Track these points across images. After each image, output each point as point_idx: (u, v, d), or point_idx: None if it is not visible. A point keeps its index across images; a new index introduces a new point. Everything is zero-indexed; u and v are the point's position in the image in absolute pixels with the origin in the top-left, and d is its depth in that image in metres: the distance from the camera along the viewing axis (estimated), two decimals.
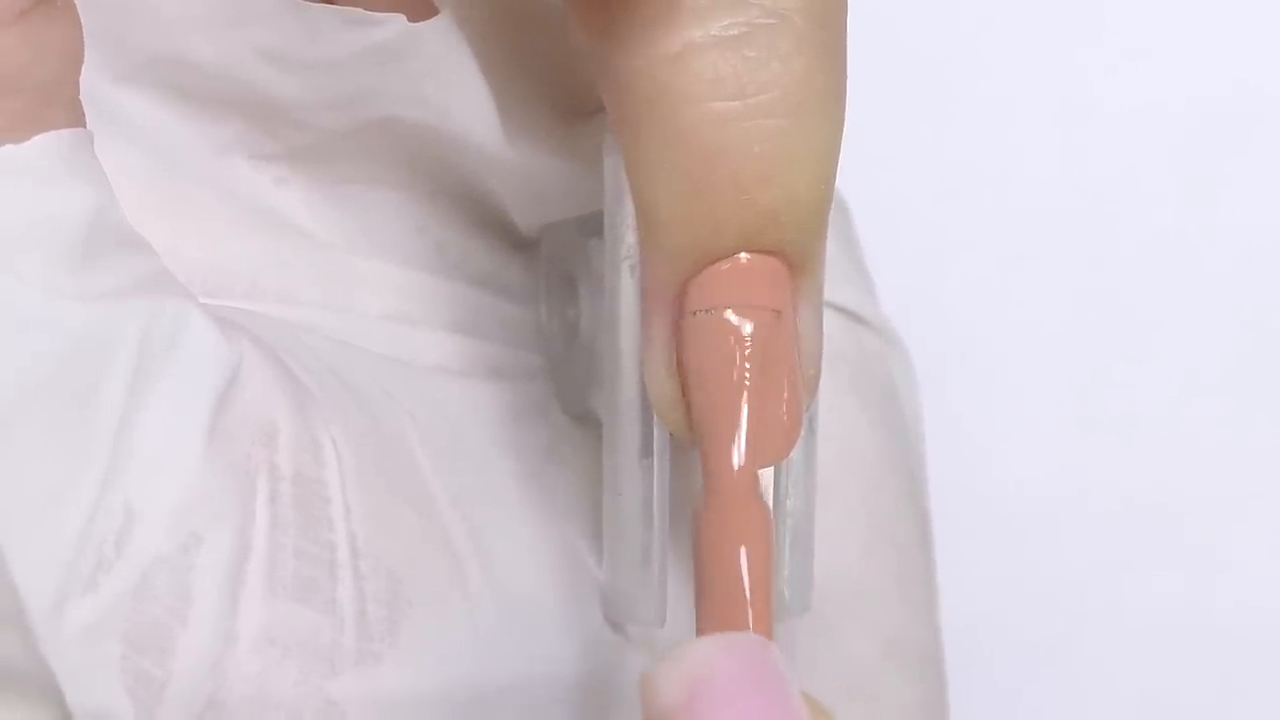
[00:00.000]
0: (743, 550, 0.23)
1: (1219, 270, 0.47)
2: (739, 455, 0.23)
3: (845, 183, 0.26)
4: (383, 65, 0.25)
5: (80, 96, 0.23)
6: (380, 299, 0.27)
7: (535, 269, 0.28)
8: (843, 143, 0.24)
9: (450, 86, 0.26)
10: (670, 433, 0.25)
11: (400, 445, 0.26)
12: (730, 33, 0.22)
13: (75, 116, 0.23)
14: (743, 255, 0.23)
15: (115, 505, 0.22)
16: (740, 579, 0.23)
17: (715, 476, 0.23)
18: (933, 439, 0.33)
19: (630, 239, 0.25)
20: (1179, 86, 0.46)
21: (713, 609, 0.23)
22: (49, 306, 0.22)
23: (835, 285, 0.30)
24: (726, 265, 0.23)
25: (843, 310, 0.30)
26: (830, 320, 0.29)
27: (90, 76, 0.24)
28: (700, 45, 0.23)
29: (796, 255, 0.23)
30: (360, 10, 0.25)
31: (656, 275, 0.24)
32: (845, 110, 0.23)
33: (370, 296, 0.27)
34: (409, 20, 0.25)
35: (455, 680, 0.25)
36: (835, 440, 0.29)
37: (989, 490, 0.47)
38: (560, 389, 0.28)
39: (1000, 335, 0.47)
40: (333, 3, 0.25)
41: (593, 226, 0.26)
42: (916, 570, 0.30)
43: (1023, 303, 0.47)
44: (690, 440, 0.24)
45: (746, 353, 0.23)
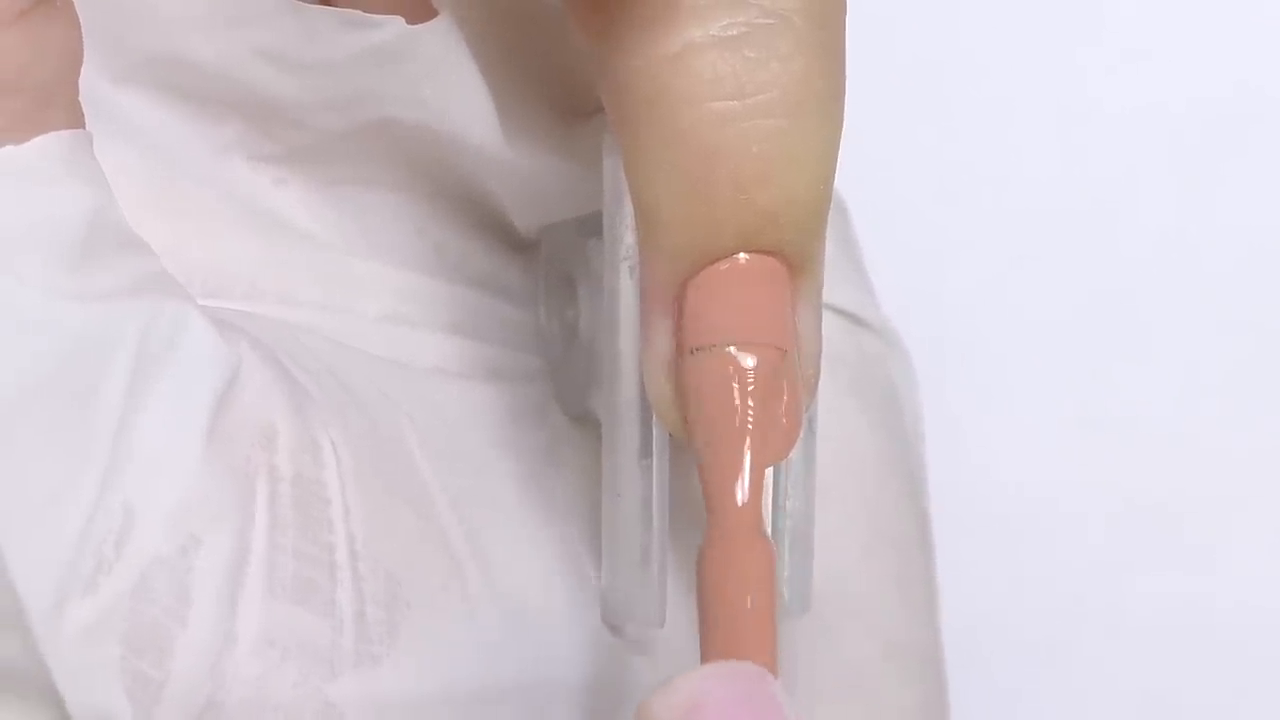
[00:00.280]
0: (746, 589, 0.23)
1: (1219, 271, 0.47)
2: (743, 492, 0.23)
3: (845, 184, 0.26)
4: (381, 67, 0.25)
5: (79, 97, 0.23)
6: (379, 300, 0.27)
7: (534, 270, 0.28)
8: (842, 143, 0.24)
9: (449, 88, 0.26)
10: (669, 433, 0.25)
11: (399, 447, 0.26)
12: (729, 33, 0.23)
13: (74, 117, 0.23)
14: (742, 255, 0.23)
15: (114, 506, 0.22)
16: (743, 617, 0.23)
17: (719, 514, 0.23)
18: (933, 440, 0.33)
19: (629, 239, 0.25)
20: (1179, 87, 0.46)
21: (715, 645, 0.23)
22: (48, 307, 0.22)
23: (835, 287, 0.29)
24: (725, 265, 0.23)
25: (843, 312, 0.30)
26: (830, 322, 0.29)
27: (89, 77, 0.24)
28: (699, 45, 0.23)
29: (795, 255, 0.23)
30: (358, 12, 0.25)
31: (655, 275, 0.24)
32: (844, 111, 0.23)
33: (369, 298, 0.27)
34: (407, 22, 0.25)
35: (454, 682, 0.25)
36: (835, 441, 0.29)
37: (989, 491, 0.47)
38: (560, 390, 0.28)
39: (1000, 336, 0.47)
40: (332, 4, 0.25)
41: (592, 227, 0.26)
42: (916, 571, 0.30)
43: (1022, 303, 0.47)
44: (689, 442, 0.24)
45: (749, 390, 0.23)
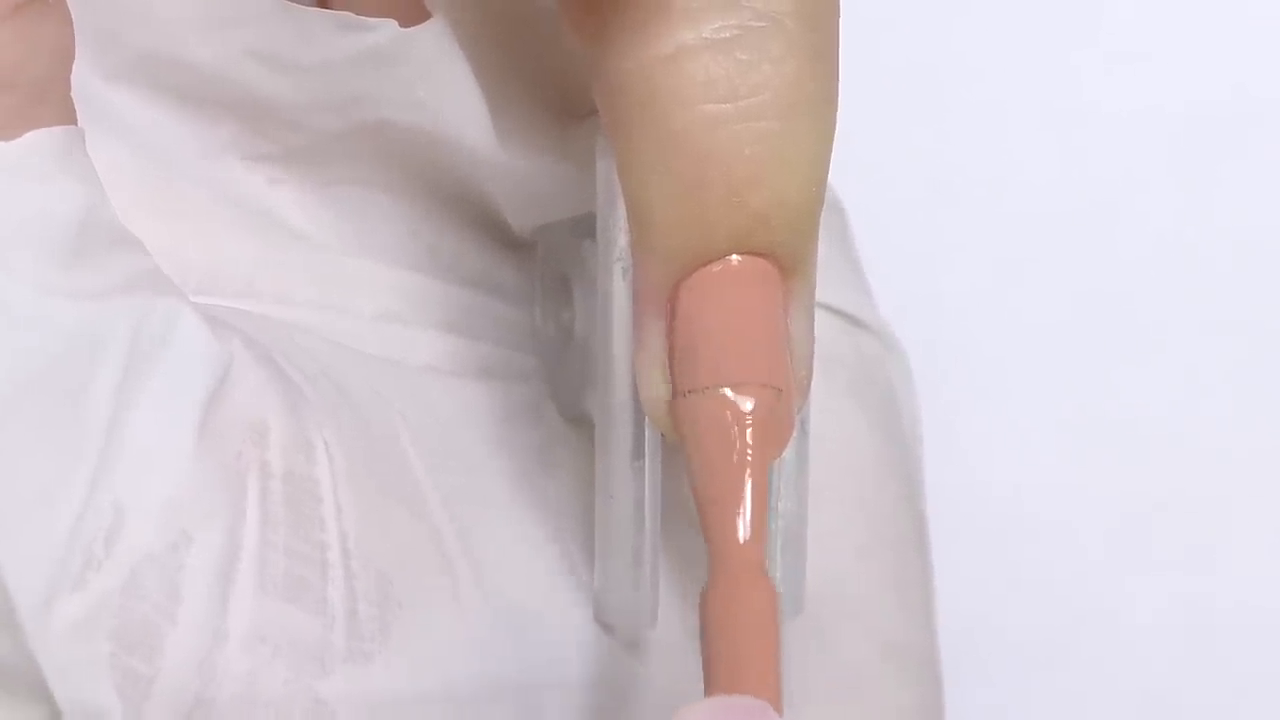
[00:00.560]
0: (750, 628, 0.23)
1: (1217, 272, 0.47)
2: (745, 530, 0.23)
3: (842, 185, 0.26)
4: (375, 69, 0.25)
5: (71, 94, 0.23)
6: (374, 299, 0.27)
7: (529, 270, 0.28)
8: (840, 145, 0.24)
9: (443, 90, 0.26)
10: (662, 435, 0.25)
11: (392, 445, 0.26)
12: (722, 35, 0.23)
13: (67, 114, 0.23)
14: (734, 257, 0.23)
15: (105, 503, 0.22)
16: (748, 655, 0.23)
17: (721, 552, 0.23)
18: (930, 441, 0.33)
19: (623, 241, 0.25)
20: (1176, 89, 0.46)
21: (719, 681, 0.23)
22: (40, 304, 0.22)
23: (833, 288, 0.29)
24: (718, 267, 0.23)
25: (840, 313, 0.30)
26: (828, 324, 0.29)
27: (82, 74, 0.24)
28: (692, 48, 0.23)
29: (787, 257, 0.23)
30: (352, 14, 0.25)
31: (648, 277, 0.24)
32: (836, 113, 0.23)
33: (364, 297, 0.27)
34: (401, 24, 0.25)
35: (445, 680, 0.25)
36: (833, 443, 0.29)
37: (987, 492, 0.47)
38: (555, 391, 0.28)
39: (998, 337, 0.47)
40: (326, 6, 0.25)
41: (587, 228, 0.26)
42: (914, 573, 0.30)
43: (1020, 305, 0.47)
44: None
45: (748, 431, 0.23)
